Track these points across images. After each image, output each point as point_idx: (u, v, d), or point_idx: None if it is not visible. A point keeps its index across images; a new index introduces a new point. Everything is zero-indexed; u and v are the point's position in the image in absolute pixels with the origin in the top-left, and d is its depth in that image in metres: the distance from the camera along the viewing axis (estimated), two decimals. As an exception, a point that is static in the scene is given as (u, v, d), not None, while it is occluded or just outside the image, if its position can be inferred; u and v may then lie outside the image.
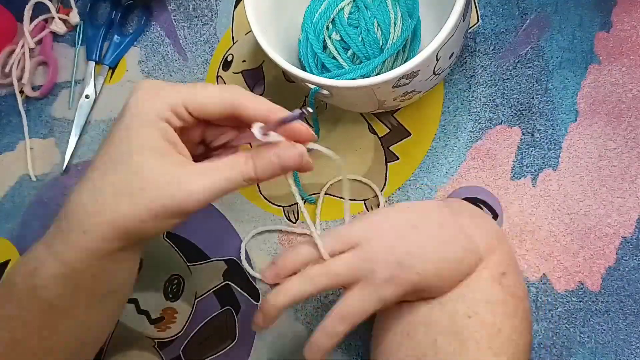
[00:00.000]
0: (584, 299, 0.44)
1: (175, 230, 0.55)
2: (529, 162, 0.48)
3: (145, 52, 0.61)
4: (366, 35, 0.46)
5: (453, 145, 0.50)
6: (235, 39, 0.58)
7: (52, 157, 0.60)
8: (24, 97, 0.62)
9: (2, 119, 0.63)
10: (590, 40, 0.49)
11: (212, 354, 0.51)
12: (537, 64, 0.49)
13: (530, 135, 0.48)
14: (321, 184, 0.52)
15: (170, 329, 0.52)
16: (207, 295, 0.52)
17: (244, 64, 0.57)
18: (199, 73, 0.58)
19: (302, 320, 0.50)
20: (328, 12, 0.47)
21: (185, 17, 0.60)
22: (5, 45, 0.64)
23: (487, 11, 0.52)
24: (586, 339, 0.44)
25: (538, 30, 0.50)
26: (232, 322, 0.51)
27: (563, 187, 0.47)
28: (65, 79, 0.62)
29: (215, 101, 0.34)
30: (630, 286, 0.44)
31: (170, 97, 0.33)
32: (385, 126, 0.52)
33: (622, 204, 0.45)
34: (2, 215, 0.59)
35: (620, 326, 0.43)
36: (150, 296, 0.53)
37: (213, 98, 0.34)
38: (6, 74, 0.63)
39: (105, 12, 0.64)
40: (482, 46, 0.51)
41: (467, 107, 0.50)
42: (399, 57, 0.48)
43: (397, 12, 0.47)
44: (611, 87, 0.47)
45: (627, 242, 0.44)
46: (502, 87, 0.50)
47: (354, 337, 0.48)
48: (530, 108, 0.49)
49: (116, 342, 0.53)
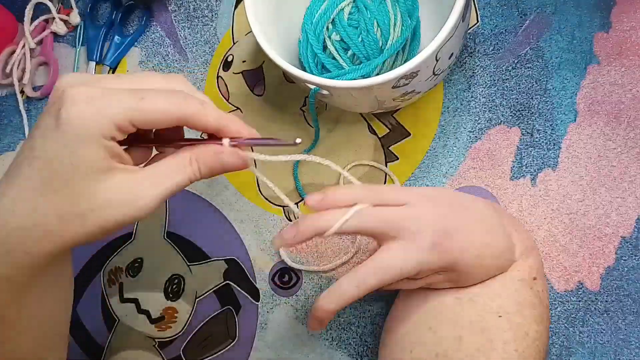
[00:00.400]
0: (583, 299, 0.44)
1: (176, 230, 0.55)
2: (529, 162, 0.48)
3: (146, 52, 0.61)
4: (366, 36, 0.46)
5: (453, 145, 0.50)
6: (236, 40, 0.58)
7: (52, 157, 0.60)
8: (25, 97, 0.62)
9: (3, 119, 0.63)
10: (590, 40, 0.49)
11: (212, 353, 0.51)
12: (536, 65, 0.50)
13: (530, 135, 0.48)
14: (321, 184, 0.52)
15: (170, 329, 0.52)
16: (208, 295, 0.52)
17: (244, 64, 0.57)
18: (199, 73, 0.58)
19: (303, 320, 0.50)
20: (328, 13, 0.48)
21: (185, 17, 0.61)
22: (6, 45, 0.64)
23: (486, 12, 0.52)
24: (585, 339, 0.44)
25: (537, 31, 0.50)
26: (232, 322, 0.51)
27: (562, 187, 0.47)
28: (65, 79, 0.62)
29: (162, 117, 0.32)
30: (629, 286, 0.44)
31: (113, 112, 0.30)
32: (385, 126, 0.52)
33: (621, 204, 0.45)
34: (3, 215, 0.59)
35: (619, 326, 0.43)
36: (151, 296, 0.53)
37: (160, 113, 0.31)
38: (7, 74, 0.63)
39: (105, 13, 0.64)
40: (482, 47, 0.51)
41: (466, 107, 0.51)
42: (399, 58, 0.48)
43: (397, 13, 0.47)
44: (610, 88, 0.47)
45: (627, 242, 0.44)
46: (501, 88, 0.50)
47: (354, 337, 0.48)
48: (530, 108, 0.49)
49: (116, 342, 0.53)
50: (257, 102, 0.56)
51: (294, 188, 0.53)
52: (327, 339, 0.49)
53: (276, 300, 0.51)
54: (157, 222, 0.55)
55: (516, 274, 0.39)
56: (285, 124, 0.55)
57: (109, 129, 0.30)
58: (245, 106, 0.56)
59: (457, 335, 0.37)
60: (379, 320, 0.48)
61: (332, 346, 0.48)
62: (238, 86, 0.57)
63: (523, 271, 0.39)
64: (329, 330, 0.49)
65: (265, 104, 0.56)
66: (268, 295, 0.51)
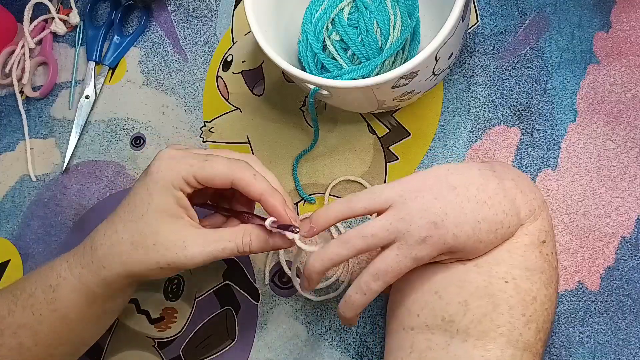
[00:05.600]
0: (583, 299, 0.44)
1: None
2: (528, 162, 0.48)
3: (145, 52, 0.61)
4: (366, 36, 0.46)
5: (452, 145, 0.50)
6: (235, 40, 0.58)
7: (52, 157, 0.60)
8: (24, 97, 0.62)
9: (2, 119, 0.63)
10: (589, 40, 0.49)
11: (212, 353, 0.51)
12: (536, 64, 0.50)
13: (530, 135, 0.48)
14: (321, 184, 0.52)
15: (170, 329, 0.52)
16: (207, 295, 0.52)
17: (244, 64, 0.57)
18: (199, 73, 0.58)
19: (302, 320, 0.50)
20: (328, 13, 0.48)
21: (185, 17, 0.61)
22: (6, 45, 0.64)
23: (486, 12, 0.52)
24: (585, 339, 0.44)
25: (537, 31, 0.50)
26: (232, 322, 0.51)
27: (562, 187, 0.47)
28: (65, 79, 0.62)
29: (218, 177, 0.40)
30: (629, 286, 0.44)
31: (182, 168, 0.39)
32: (384, 126, 0.52)
33: (621, 204, 0.45)
34: (2, 215, 0.59)
35: (619, 326, 0.43)
36: (150, 296, 0.53)
37: (217, 174, 0.40)
38: (6, 74, 0.63)
39: (105, 13, 0.64)
40: (482, 46, 0.51)
41: (466, 107, 0.51)
42: (399, 58, 0.48)
43: (397, 13, 0.47)
44: (610, 87, 0.47)
45: (626, 242, 0.44)
46: (501, 88, 0.50)
47: (354, 337, 0.48)
48: (530, 108, 0.49)
49: (116, 342, 0.53)
50: (256, 102, 0.56)
51: (293, 188, 0.53)
52: (327, 339, 0.49)
53: (276, 300, 0.51)
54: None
55: (524, 238, 0.38)
56: (284, 123, 0.55)
57: (178, 180, 0.39)
58: (244, 106, 0.56)
59: (462, 300, 0.37)
60: (379, 320, 0.48)
61: (332, 346, 0.48)
62: (238, 86, 0.57)
63: (531, 235, 0.39)
64: (329, 330, 0.49)
65: (264, 104, 0.56)
66: (268, 295, 0.51)
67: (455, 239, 0.37)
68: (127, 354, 0.53)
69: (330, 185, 0.52)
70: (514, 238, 0.38)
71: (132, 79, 0.60)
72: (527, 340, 0.37)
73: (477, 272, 0.38)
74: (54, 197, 0.58)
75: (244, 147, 0.55)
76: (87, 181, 0.58)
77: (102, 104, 0.61)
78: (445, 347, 0.37)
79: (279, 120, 0.55)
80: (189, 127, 0.57)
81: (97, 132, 0.60)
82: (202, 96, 0.58)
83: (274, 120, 0.55)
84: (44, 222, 0.58)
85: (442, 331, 0.38)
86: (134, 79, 0.60)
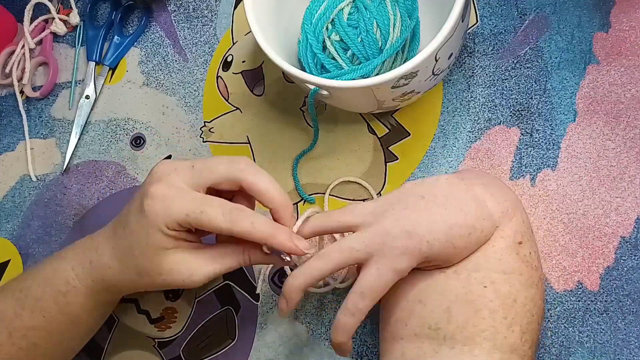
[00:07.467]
0: (583, 299, 0.44)
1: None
2: (528, 162, 0.48)
3: (146, 52, 0.61)
4: (365, 36, 0.46)
5: (452, 145, 0.50)
6: (235, 40, 0.58)
7: (52, 158, 0.60)
8: (24, 97, 0.62)
9: (3, 120, 0.63)
10: (589, 40, 0.49)
11: (212, 353, 0.51)
12: (535, 65, 0.50)
13: (529, 135, 0.48)
14: (321, 184, 0.52)
15: (170, 329, 0.52)
16: (207, 295, 0.52)
17: (244, 64, 0.57)
18: (199, 73, 0.58)
19: (302, 320, 0.50)
20: (327, 13, 0.48)
21: (185, 17, 0.61)
22: (6, 45, 0.64)
23: (486, 12, 0.52)
24: (585, 339, 0.44)
25: (537, 31, 0.50)
26: (232, 322, 0.51)
27: (562, 187, 0.47)
28: (65, 79, 0.63)
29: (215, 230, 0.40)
30: (628, 286, 0.44)
31: (177, 213, 0.39)
32: (384, 126, 0.52)
33: (620, 204, 0.45)
34: (2, 215, 0.59)
35: (619, 326, 0.43)
36: (151, 296, 0.53)
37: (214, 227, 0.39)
38: (6, 74, 0.63)
39: (105, 13, 0.64)
40: (481, 47, 0.51)
41: (466, 107, 0.51)
42: (398, 58, 0.48)
43: (397, 13, 0.47)
44: (610, 88, 0.48)
45: (626, 242, 0.44)
46: (501, 88, 0.50)
47: (354, 337, 0.48)
48: (529, 108, 0.49)
49: (116, 342, 0.53)
50: (256, 102, 0.56)
51: (293, 188, 0.53)
52: (327, 339, 0.49)
53: (276, 300, 0.51)
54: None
55: (500, 241, 0.39)
56: (284, 123, 0.55)
57: (172, 224, 0.39)
58: (244, 106, 0.56)
59: (445, 307, 0.38)
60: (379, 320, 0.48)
61: (332, 346, 0.48)
62: (238, 86, 0.57)
63: (507, 238, 0.39)
64: (329, 330, 0.49)
65: (264, 104, 0.56)
66: (268, 295, 0.51)
67: (430, 247, 0.37)
68: (127, 354, 0.53)
69: (331, 186, 0.52)
70: (490, 242, 0.39)
71: (132, 79, 0.60)
72: (513, 342, 0.37)
73: (457, 278, 0.38)
74: (54, 197, 0.59)
75: (244, 147, 0.55)
76: (87, 181, 0.58)
77: (102, 104, 0.61)
78: (434, 355, 0.37)
79: (279, 120, 0.55)
80: (189, 127, 0.57)
81: (97, 132, 0.60)
82: (202, 96, 0.58)
83: (274, 120, 0.55)
84: (44, 222, 0.58)
85: (430, 339, 0.38)
86: (134, 79, 0.60)
